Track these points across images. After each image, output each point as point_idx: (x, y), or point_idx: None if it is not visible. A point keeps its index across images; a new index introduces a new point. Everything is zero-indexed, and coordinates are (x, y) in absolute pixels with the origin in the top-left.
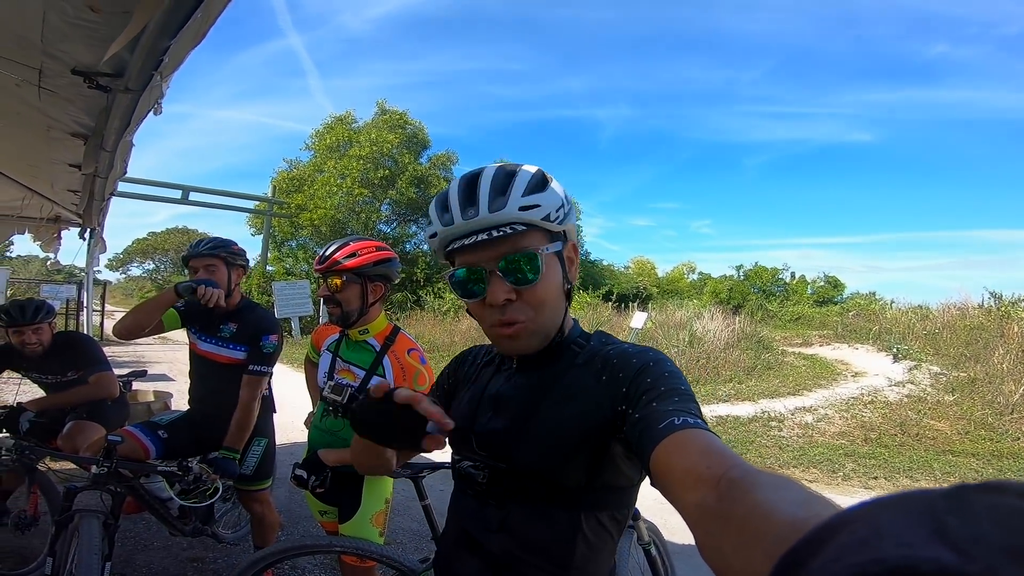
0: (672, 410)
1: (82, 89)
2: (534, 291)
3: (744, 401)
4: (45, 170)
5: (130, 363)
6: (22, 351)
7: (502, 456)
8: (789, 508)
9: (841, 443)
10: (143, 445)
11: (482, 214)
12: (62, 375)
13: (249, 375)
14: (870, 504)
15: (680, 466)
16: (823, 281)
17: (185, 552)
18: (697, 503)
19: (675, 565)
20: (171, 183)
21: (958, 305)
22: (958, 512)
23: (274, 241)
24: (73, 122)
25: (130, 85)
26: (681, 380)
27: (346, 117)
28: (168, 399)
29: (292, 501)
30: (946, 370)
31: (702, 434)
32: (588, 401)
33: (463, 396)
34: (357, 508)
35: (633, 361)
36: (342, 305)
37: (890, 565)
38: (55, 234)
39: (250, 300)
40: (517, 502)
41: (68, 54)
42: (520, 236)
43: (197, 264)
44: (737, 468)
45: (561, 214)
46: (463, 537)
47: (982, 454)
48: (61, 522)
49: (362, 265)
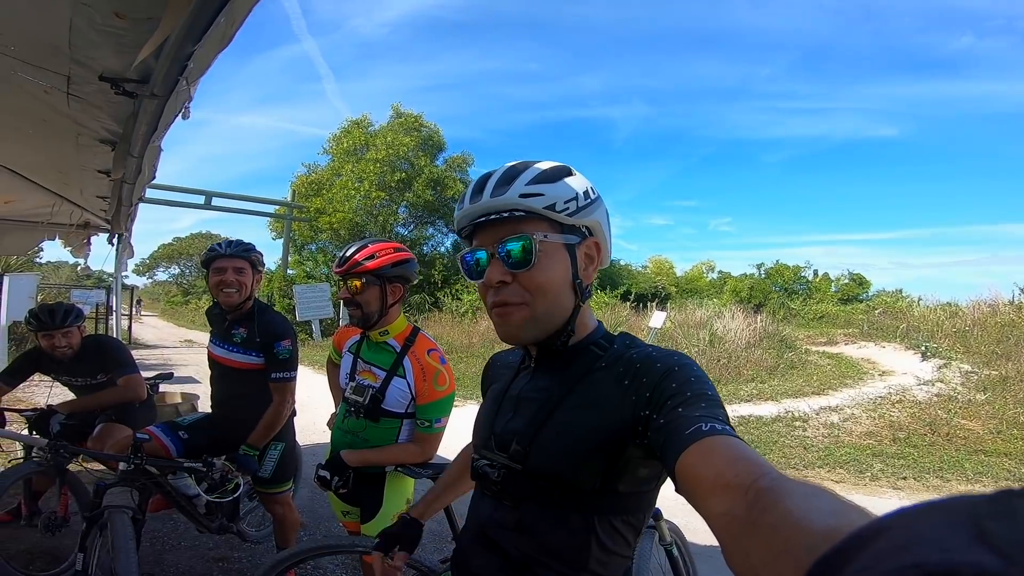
0: (699, 416)
1: (109, 96)
2: (530, 276)
3: (767, 401)
4: (75, 177)
5: (157, 366)
6: (52, 355)
7: (518, 457)
8: (822, 517)
9: (868, 443)
10: (164, 445)
11: (484, 198)
12: (91, 378)
13: (274, 382)
14: (908, 510)
15: (707, 474)
16: (847, 279)
17: (211, 552)
18: (725, 511)
19: (697, 566)
20: (194, 189)
21: (988, 302)
22: (1002, 517)
23: (294, 245)
24: (102, 128)
25: (156, 91)
26: (708, 385)
27: (362, 121)
28: (195, 401)
29: (315, 501)
30: (977, 368)
31: (731, 441)
32: (608, 405)
33: (487, 395)
34: (379, 508)
35: (657, 365)
36: (362, 307)
37: (928, 570)
38: (85, 240)
39: (262, 303)
40: (532, 503)
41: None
42: (520, 222)
43: (226, 264)
44: (767, 476)
45: (572, 206)
46: (480, 536)
47: (1015, 454)
48: (91, 518)
49: (381, 267)
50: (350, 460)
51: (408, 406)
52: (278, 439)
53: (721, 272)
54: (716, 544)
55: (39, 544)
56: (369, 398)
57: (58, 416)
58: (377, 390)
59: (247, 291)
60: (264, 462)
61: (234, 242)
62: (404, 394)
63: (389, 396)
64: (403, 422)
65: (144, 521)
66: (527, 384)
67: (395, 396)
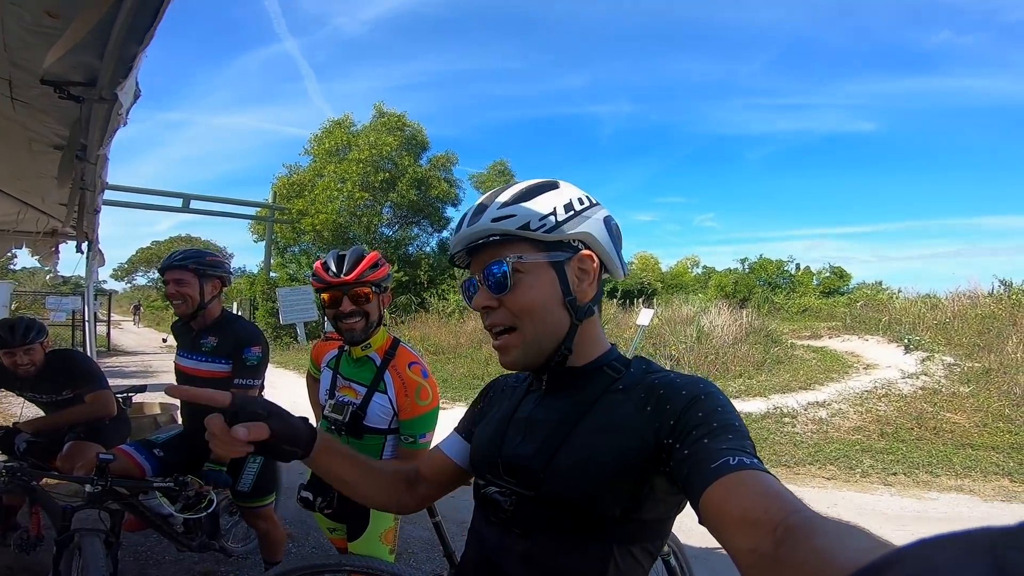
0: (726, 448)
1: (54, 99)
2: (512, 298)
3: (755, 397)
4: (34, 184)
5: (138, 373)
6: (15, 371)
7: (530, 483)
8: (852, 556)
9: (857, 438)
10: (138, 464)
11: (463, 229)
12: (57, 395)
13: (236, 389)
14: (928, 541)
15: (735, 509)
16: (829, 272)
17: (196, 566)
18: (752, 548)
19: (694, 570)
20: (171, 192)
21: (968, 294)
22: (1020, 548)
23: (277, 247)
24: (53, 134)
25: (104, 94)
26: (735, 415)
27: (344, 121)
28: (174, 411)
29: (304, 513)
30: (959, 361)
31: (760, 475)
32: (630, 432)
33: (491, 416)
34: (366, 526)
35: (683, 393)
36: (368, 317)
37: None
38: (52, 248)
39: (231, 313)
40: (544, 532)
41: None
42: (500, 246)
43: (168, 277)
44: (798, 514)
45: (550, 221)
46: (486, 564)
47: (1002, 447)
48: (61, 542)
49: (383, 277)
50: None
51: (391, 422)
52: None
53: (705, 267)
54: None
55: (19, 561)
56: (349, 415)
57: (23, 435)
58: (358, 407)
59: (194, 301)
60: (243, 475)
61: (176, 252)
62: (386, 410)
63: (371, 412)
64: (387, 438)
65: (119, 544)
66: (536, 407)
67: (377, 412)
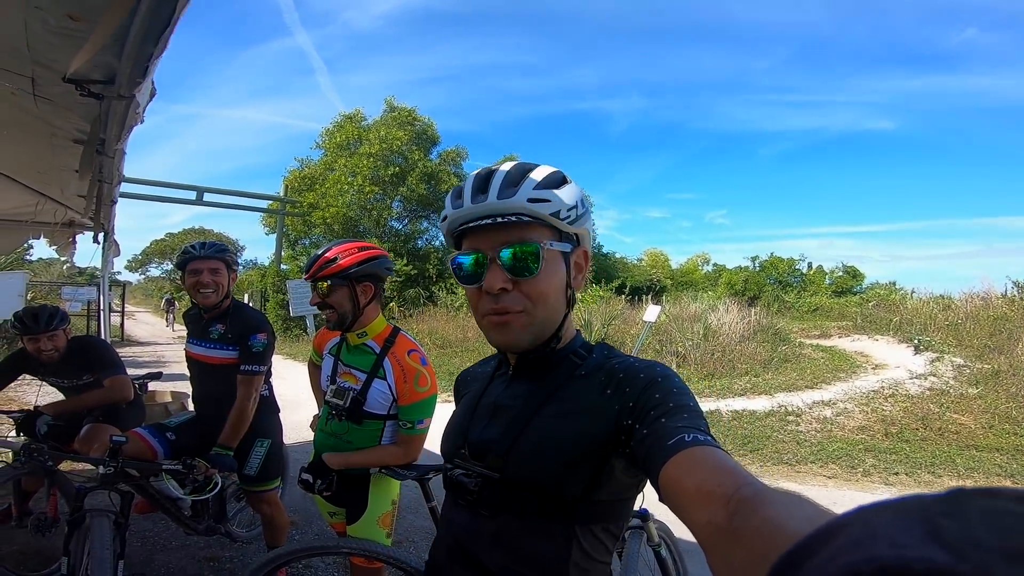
0: (681, 427)
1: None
2: (533, 283)
3: (760, 395)
4: (54, 176)
5: (150, 363)
6: (38, 357)
7: (495, 466)
8: (798, 524)
9: (861, 438)
10: (151, 446)
11: (490, 199)
12: (77, 379)
13: (241, 375)
14: (865, 508)
15: (690, 484)
16: (841, 271)
17: (202, 552)
18: (708, 521)
19: (687, 565)
20: (186, 184)
21: (981, 295)
22: (953, 515)
23: (288, 240)
24: (74, 129)
25: (122, 92)
26: (690, 396)
27: (355, 115)
28: (185, 399)
29: (307, 500)
30: (969, 362)
31: (713, 451)
32: (590, 416)
33: (460, 405)
34: (364, 510)
35: (641, 376)
36: (335, 308)
37: (883, 564)
38: (70, 239)
39: (239, 302)
40: (510, 513)
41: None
42: (525, 227)
43: (201, 266)
44: (748, 486)
45: (573, 215)
46: (455, 547)
47: (1007, 448)
48: (73, 522)
49: (346, 267)
50: (332, 463)
51: (390, 408)
52: (264, 436)
53: (716, 265)
54: None
55: (31, 544)
56: (350, 401)
57: (44, 417)
58: (358, 392)
59: (224, 291)
60: (250, 459)
61: (208, 243)
62: (385, 396)
63: (370, 398)
64: (386, 423)
65: (127, 525)
66: (503, 391)
67: (376, 398)
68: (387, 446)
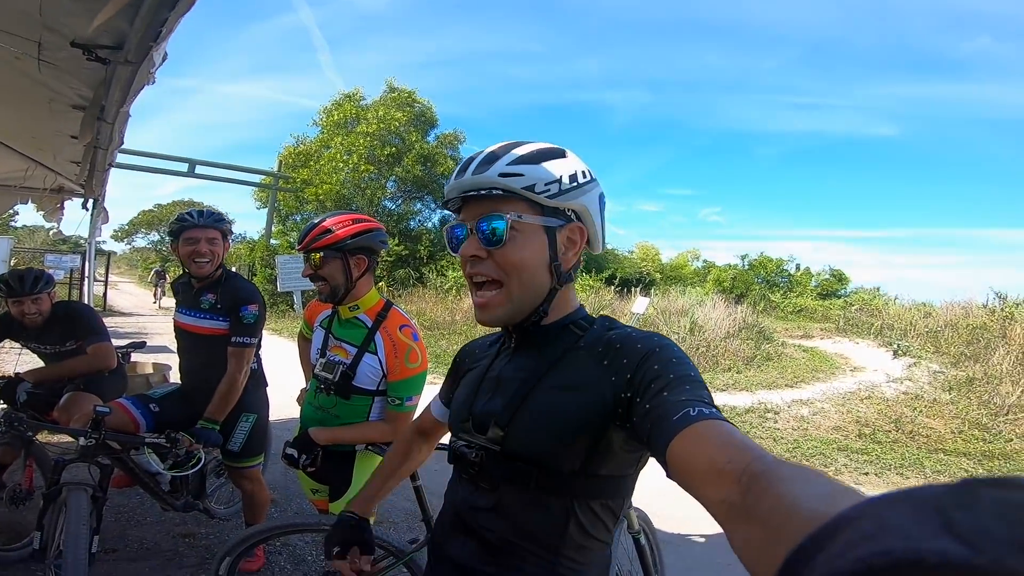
0: (685, 400)
1: (82, 62)
2: (503, 253)
3: (741, 391)
4: (48, 141)
5: (132, 334)
6: (22, 321)
7: (496, 438)
8: (812, 503)
9: (835, 437)
10: (133, 418)
11: (467, 176)
12: (60, 345)
13: (232, 347)
14: (876, 500)
15: (700, 461)
16: (828, 274)
17: (177, 528)
18: (721, 499)
19: (663, 555)
20: (178, 156)
21: (962, 304)
22: (965, 506)
23: (278, 215)
24: (75, 94)
25: (130, 57)
26: (690, 366)
27: (354, 94)
28: (167, 371)
29: (287, 478)
30: (945, 368)
31: (720, 425)
32: (588, 388)
33: (467, 379)
34: (347, 487)
35: (638, 346)
36: (327, 280)
37: (896, 557)
38: (58, 204)
39: (230, 271)
40: (509, 486)
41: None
42: (499, 201)
43: (199, 235)
44: (759, 461)
45: (553, 188)
46: (457, 521)
47: (973, 454)
48: (49, 495)
49: (339, 240)
50: (319, 438)
51: (379, 383)
52: (250, 411)
53: (706, 261)
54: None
55: (4, 517)
56: (339, 375)
57: (25, 384)
58: (348, 367)
59: (219, 260)
60: (235, 434)
61: (206, 212)
62: (375, 371)
63: (360, 373)
64: (374, 399)
65: (105, 499)
66: (506, 365)
67: (366, 373)
68: (375, 422)
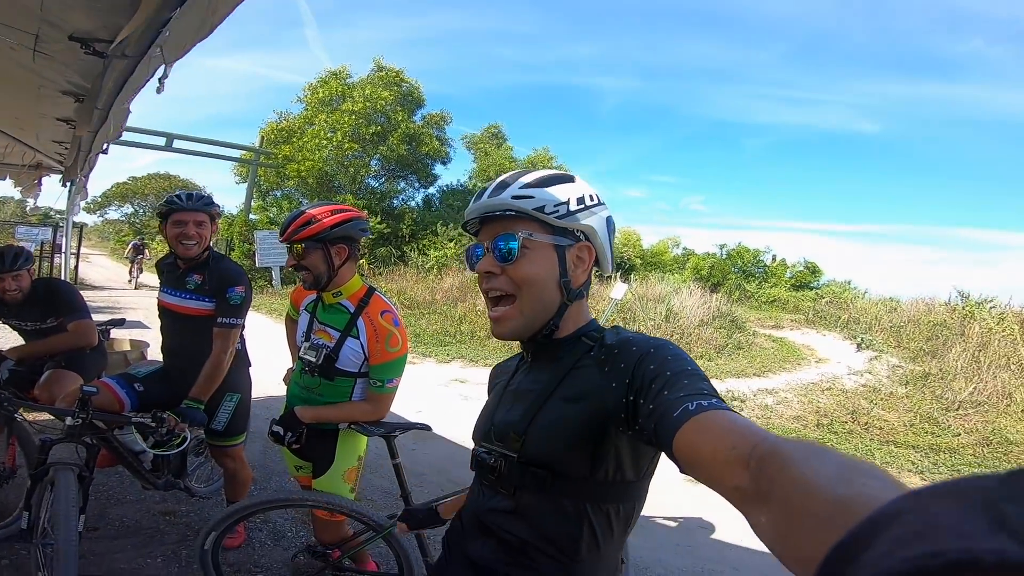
0: (684, 395)
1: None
2: (515, 268)
3: (711, 379)
4: (31, 122)
5: (105, 309)
6: (2, 298)
7: (513, 446)
8: (830, 485)
9: (795, 427)
10: (118, 397)
11: (484, 200)
12: (41, 322)
13: (219, 327)
14: (922, 492)
15: (705, 453)
16: (803, 266)
17: (158, 506)
18: (735, 487)
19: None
20: (156, 131)
21: (926, 300)
22: (1017, 499)
23: (259, 190)
24: (66, 82)
25: (127, 51)
26: (687, 361)
27: (341, 72)
28: (145, 348)
29: (267, 456)
30: (904, 363)
31: (720, 414)
32: (591, 395)
33: (493, 393)
34: (330, 464)
35: (633, 349)
36: (310, 270)
37: (950, 559)
38: (35, 180)
39: (217, 252)
40: (527, 490)
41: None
42: (513, 221)
43: (187, 218)
44: (763, 443)
45: (562, 210)
46: (477, 522)
47: (922, 447)
48: (36, 475)
49: (320, 231)
50: (304, 416)
51: (361, 366)
52: (234, 390)
53: (686, 249)
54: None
55: None
56: (323, 358)
57: (7, 362)
58: (331, 350)
59: (206, 243)
60: (218, 413)
61: (195, 195)
62: (357, 354)
63: (342, 356)
64: (357, 381)
65: (91, 478)
66: (524, 378)
67: (348, 356)
68: (357, 402)
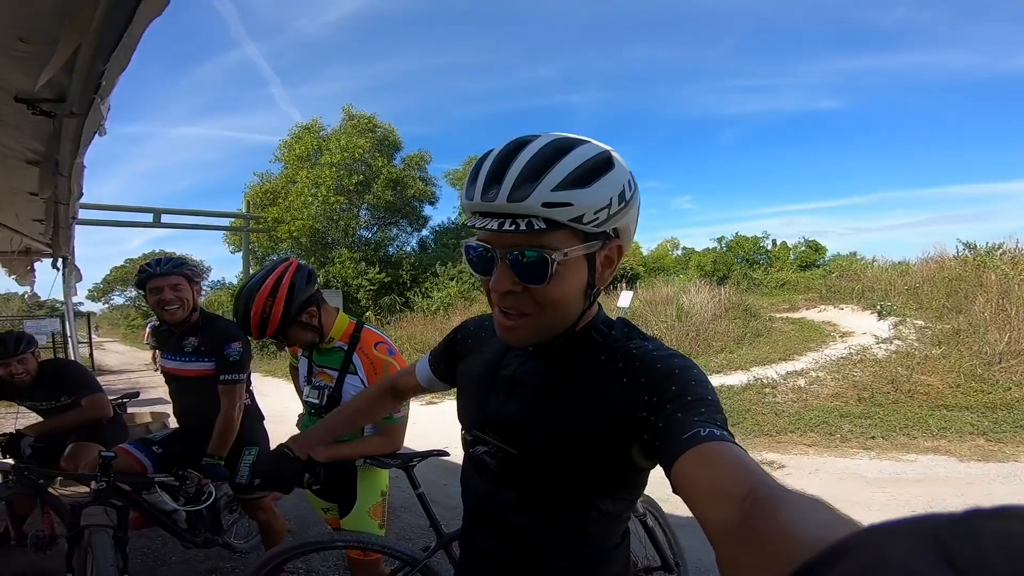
0: (697, 421)
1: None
2: (545, 291)
3: (737, 370)
4: (6, 200)
5: (126, 391)
6: (11, 382)
7: (515, 443)
8: (812, 530)
9: (835, 404)
10: (138, 460)
11: (500, 199)
12: (55, 400)
13: (222, 385)
14: (875, 528)
15: (704, 480)
16: (804, 246)
17: (203, 564)
18: (720, 519)
19: (679, 536)
20: (141, 207)
21: (935, 259)
22: (966, 538)
23: (255, 256)
24: (26, 150)
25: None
26: (708, 389)
27: (313, 125)
28: (166, 419)
29: (301, 507)
30: (930, 323)
31: (728, 447)
32: (607, 402)
33: (473, 361)
34: (354, 502)
35: (659, 366)
36: (301, 344)
37: None
38: (28, 267)
39: (208, 312)
40: (530, 485)
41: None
42: (539, 233)
43: (161, 283)
44: (765, 487)
45: (603, 215)
46: (483, 513)
47: (976, 407)
48: (72, 538)
49: (281, 321)
50: (319, 456)
51: None
52: (251, 443)
53: (685, 249)
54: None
55: (32, 566)
56: (326, 398)
57: (28, 439)
58: (332, 389)
59: (189, 305)
60: (240, 467)
61: (164, 259)
62: (359, 390)
63: (345, 393)
64: None
65: (127, 539)
66: (520, 366)
67: (350, 392)
68: (370, 437)
